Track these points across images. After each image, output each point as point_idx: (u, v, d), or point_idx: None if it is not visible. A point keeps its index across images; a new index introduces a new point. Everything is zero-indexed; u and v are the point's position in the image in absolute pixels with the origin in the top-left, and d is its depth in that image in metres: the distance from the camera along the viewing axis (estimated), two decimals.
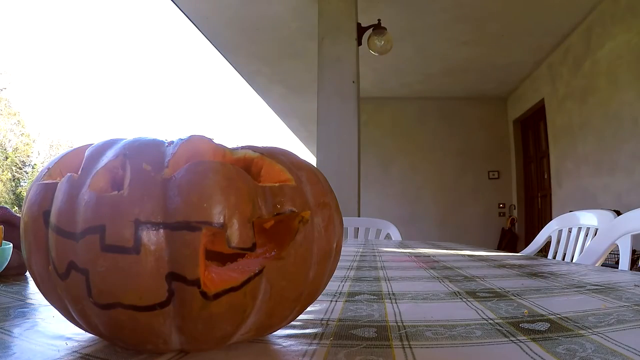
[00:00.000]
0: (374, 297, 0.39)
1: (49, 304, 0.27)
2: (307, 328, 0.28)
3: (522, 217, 5.39)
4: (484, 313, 0.32)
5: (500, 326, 0.28)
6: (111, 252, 0.20)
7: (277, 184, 0.23)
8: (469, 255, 0.85)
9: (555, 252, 1.23)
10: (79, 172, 0.22)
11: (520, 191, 5.46)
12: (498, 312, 0.32)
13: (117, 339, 0.22)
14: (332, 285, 0.46)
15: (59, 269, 0.21)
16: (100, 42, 33.55)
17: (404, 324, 0.29)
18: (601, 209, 1.17)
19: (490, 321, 0.30)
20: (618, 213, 1.03)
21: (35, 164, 17.76)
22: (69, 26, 30.78)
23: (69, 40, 31.75)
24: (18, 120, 17.26)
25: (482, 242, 5.27)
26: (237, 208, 0.21)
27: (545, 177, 4.75)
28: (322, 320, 0.30)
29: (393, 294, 0.41)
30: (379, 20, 3.09)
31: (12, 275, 0.50)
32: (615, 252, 1.15)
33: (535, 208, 5.10)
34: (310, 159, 7.93)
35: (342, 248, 1.08)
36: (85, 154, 0.23)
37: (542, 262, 0.73)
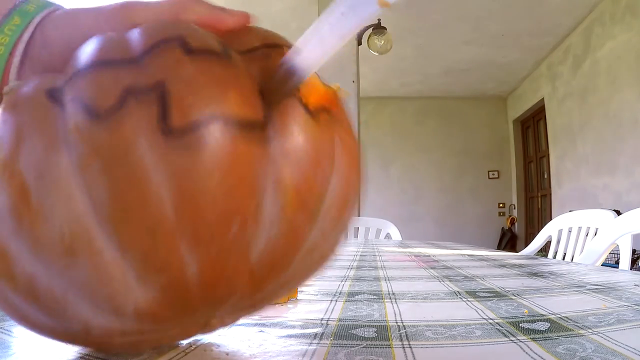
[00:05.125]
0: (374, 296, 0.39)
1: None
2: (307, 328, 0.28)
3: (522, 217, 5.39)
4: (484, 313, 0.32)
5: (500, 326, 0.28)
6: (199, 55, 0.16)
7: None
8: (469, 255, 0.85)
9: (555, 252, 1.23)
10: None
11: (520, 191, 5.46)
12: (498, 312, 0.32)
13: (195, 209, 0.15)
14: (332, 285, 0.46)
15: (105, 104, 0.15)
16: None
17: (404, 323, 0.29)
18: (601, 209, 1.17)
19: (490, 321, 0.30)
20: (618, 213, 1.03)
21: None
22: None
23: None
24: None
25: (482, 242, 5.27)
26: None
27: (545, 177, 4.75)
28: (322, 320, 0.30)
29: (393, 294, 0.41)
30: (379, 20, 3.09)
31: None
32: (615, 252, 1.15)
33: (535, 208, 5.10)
34: None
35: (342, 248, 1.09)
36: None
37: (542, 262, 0.73)
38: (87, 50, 0.17)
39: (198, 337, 0.25)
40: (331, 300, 0.37)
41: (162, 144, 0.14)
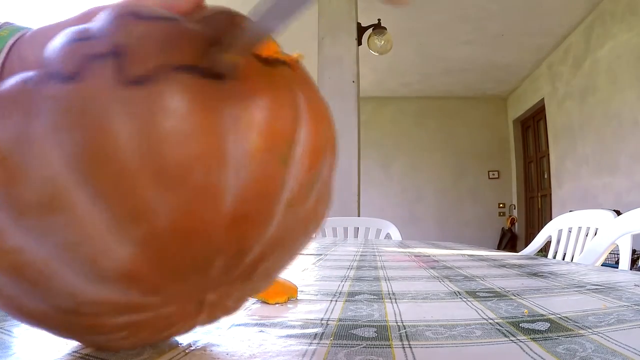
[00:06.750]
0: (374, 296, 0.39)
1: None
2: (307, 328, 0.28)
3: (522, 217, 5.40)
4: (484, 313, 0.32)
5: (500, 326, 0.28)
6: (149, 19, 0.18)
7: None
8: (469, 255, 0.85)
9: (555, 252, 1.23)
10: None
11: (520, 191, 5.47)
12: (498, 312, 0.32)
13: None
14: (332, 285, 0.46)
15: (70, 69, 0.16)
16: None
17: (404, 323, 0.29)
18: (601, 209, 1.17)
19: (490, 321, 0.30)
20: (618, 213, 1.03)
21: None
22: None
23: None
24: None
25: (482, 242, 5.27)
26: None
27: (545, 177, 4.75)
28: (322, 320, 0.30)
29: (393, 294, 0.41)
30: (379, 20, 3.09)
31: None
32: (615, 252, 1.15)
33: (535, 208, 5.10)
34: None
35: (342, 248, 1.08)
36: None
37: (542, 262, 0.73)
38: (54, 41, 0.18)
39: (198, 337, 0.25)
40: (331, 300, 0.37)
41: (121, 94, 0.16)
